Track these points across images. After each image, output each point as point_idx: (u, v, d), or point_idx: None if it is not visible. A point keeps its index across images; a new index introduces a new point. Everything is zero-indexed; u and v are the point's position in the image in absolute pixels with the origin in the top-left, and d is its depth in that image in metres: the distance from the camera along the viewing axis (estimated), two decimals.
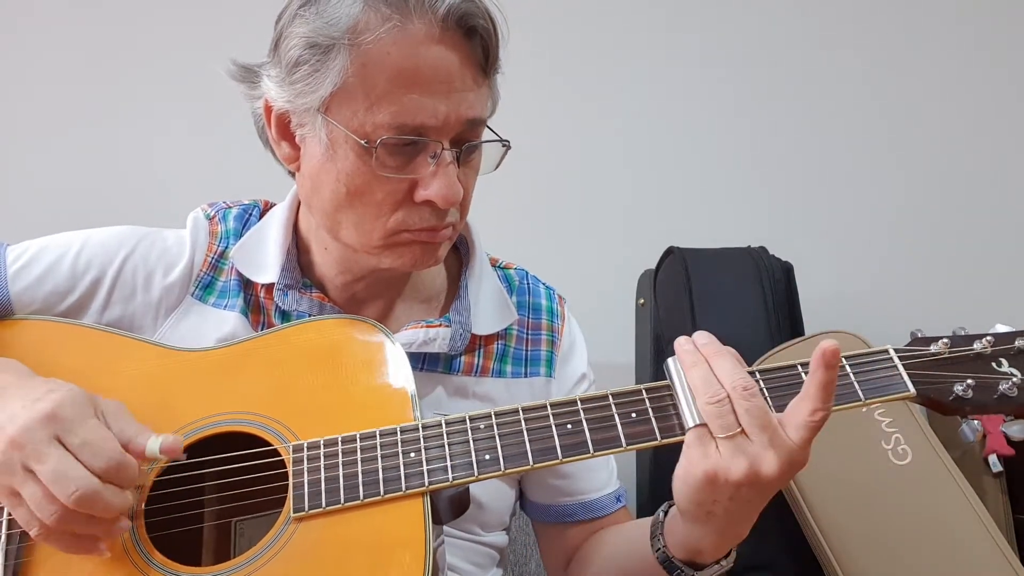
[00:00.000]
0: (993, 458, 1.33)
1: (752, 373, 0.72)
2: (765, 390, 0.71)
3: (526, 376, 0.94)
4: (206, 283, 0.89)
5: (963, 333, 0.75)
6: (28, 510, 0.63)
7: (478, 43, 0.75)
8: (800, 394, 0.67)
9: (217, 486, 0.78)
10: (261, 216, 0.93)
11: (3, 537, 0.70)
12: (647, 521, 0.83)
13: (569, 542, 0.96)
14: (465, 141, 0.77)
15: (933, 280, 1.82)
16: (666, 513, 0.78)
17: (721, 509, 0.67)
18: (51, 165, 1.73)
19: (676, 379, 0.70)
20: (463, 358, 0.90)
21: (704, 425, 0.66)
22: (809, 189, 1.84)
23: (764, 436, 0.65)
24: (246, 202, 0.95)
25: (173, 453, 0.69)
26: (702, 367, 0.69)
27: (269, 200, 0.96)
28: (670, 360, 0.71)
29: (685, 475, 0.67)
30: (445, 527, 0.80)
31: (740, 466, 0.64)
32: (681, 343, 0.72)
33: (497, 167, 0.84)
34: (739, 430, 0.65)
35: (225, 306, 0.87)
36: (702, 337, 0.72)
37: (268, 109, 0.80)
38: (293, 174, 0.85)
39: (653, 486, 0.98)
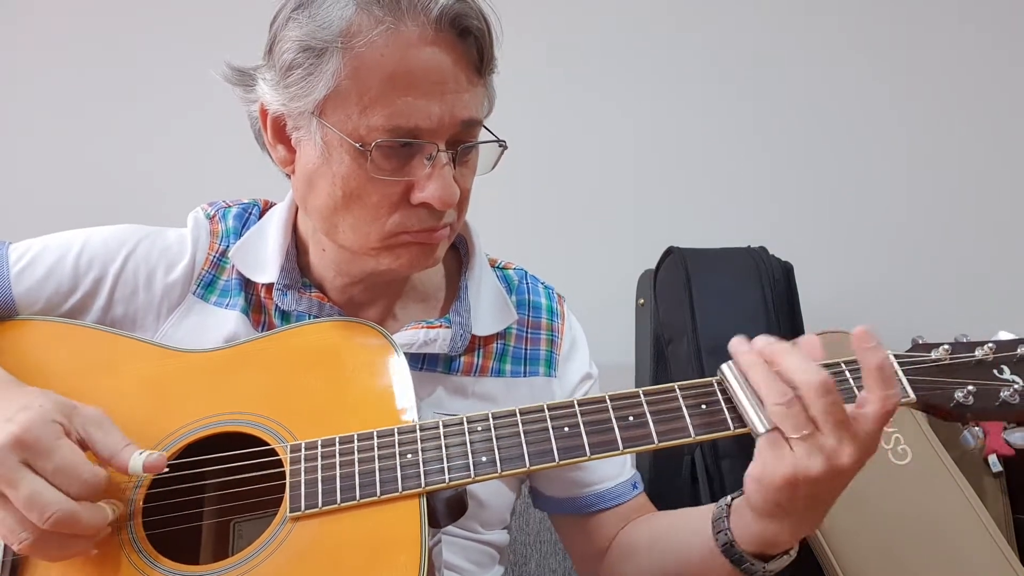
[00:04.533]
0: (993, 458, 1.33)
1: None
2: None
3: (525, 376, 0.94)
4: (208, 281, 0.89)
5: (965, 340, 0.74)
6: (5, 537, 0.63)
7: (472, 44, 0.74)
8: (865, 385, 0.67)
9: (215, 486, 0.78)
10: (261, 216, 0.94)
11: None
12: (696, 512, 0.84)
13: (595, 533, 0.95)
14: (461, 142, 0.77)
15: (934, 280, 1.82)
16: (729, 506, 0.78)
17: (800, 505, 0.67)
18: (48, 165, 1.74)
19: (735, 383, 0.69)
20: (462, 358, 0.90)
21: (774, 429, 0.66)
22: (809, 189, 1.84)
23: (840, 431, 0.65)
24: (245, 201, 0.95)
25: (156, 470, 0.68)
26: (761, 368, 0.68)
27: (269, 200, 0.96)
28: (725, 365, 0.70)
29: (761, 477, 0.67)
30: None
31: (817, 464, 0.64)
32: (736, 345, 0.71)
33: (494, 167, 0.83)
34: (812, 429, 0.65)
35: (227, 305, 0.88)
36: (761, 339, 0.71)
37: (264, 112, 0.80)
38: (290, 176, 0.85)
39: (652, 488, 0.97)
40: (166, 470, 0.71)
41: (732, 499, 0.78)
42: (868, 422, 0.65)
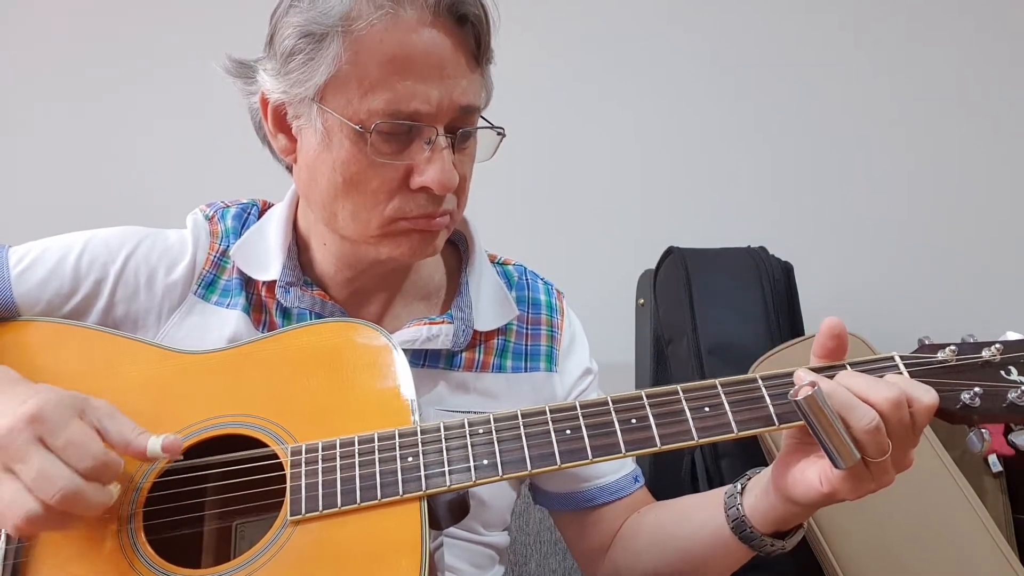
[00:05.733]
0: (993, 458, 1.33)
1: (754, 379, 0.72)
2: (767, 396, 0.71)
3: (526, 371, 0.94)
4: (209, 281, 0.89)
5: (972, 340, 0.73)
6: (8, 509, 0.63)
7: (470, 31, 0.76)
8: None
9: (216, 488, 0.78)
10: (260, 215, 0.94)
11: (2, 536, 0.69)
12: (704, 495, 0.85)
13: (597, 528, 0.96)
14: (459, 128, 0.78)
15: (935, 280, 1.82)
16: (743, 486, 0.79)
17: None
18: (47, 166, 1.73)
19: (815, 417, 0.64)
20: (464, 354, 0.91)
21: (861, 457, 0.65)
22: (809, 189, 1.84)
23: (908, 442, 0.66)
24: (244, 201, 0.95)
25: (174, 452, 0.69)
26: (845, 393, 0.66)
27: (267, 200, 0.97)
28: (801, 400, 0.64)
29: (822, 499, 0.68)
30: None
31: (889, 478, 0.66)
32: (804, 376, 0.68)
33: (493, 155, 0.84)
34: (890, 447, 0.65)
35: (228, 305, 0.88)
36: (807, 372, 0.69)
37: (264, 102, 0.81)
38: (290, 168, 0.85)
39: (652, 487, 0.98)
40: (180, 457, 0.71)
41: (746, 479, 0.80)
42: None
